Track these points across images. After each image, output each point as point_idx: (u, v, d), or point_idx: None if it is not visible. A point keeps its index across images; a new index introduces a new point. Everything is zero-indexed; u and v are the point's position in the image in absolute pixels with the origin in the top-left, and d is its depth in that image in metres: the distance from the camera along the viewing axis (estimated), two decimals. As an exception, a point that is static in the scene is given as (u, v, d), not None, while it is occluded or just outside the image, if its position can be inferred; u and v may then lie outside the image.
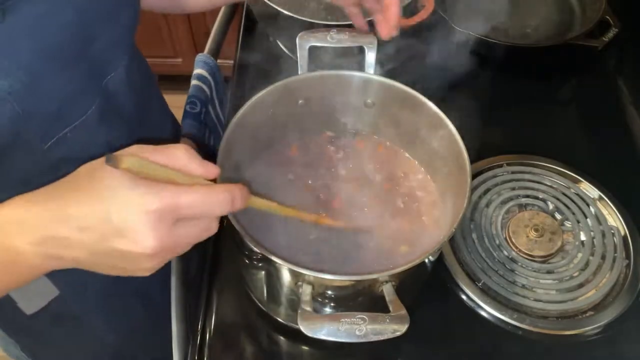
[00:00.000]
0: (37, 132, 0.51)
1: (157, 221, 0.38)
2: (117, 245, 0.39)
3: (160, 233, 0.38)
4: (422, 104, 0.63)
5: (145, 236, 0.38)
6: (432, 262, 0.62)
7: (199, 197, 0.39)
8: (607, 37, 0.91)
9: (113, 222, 0.38)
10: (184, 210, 0.38)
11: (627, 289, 0.69)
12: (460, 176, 0.58)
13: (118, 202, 0.38)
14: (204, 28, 1.82)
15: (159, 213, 0.38)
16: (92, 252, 0.40)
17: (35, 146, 0.52)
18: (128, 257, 0.39)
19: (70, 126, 0.54)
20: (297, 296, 0.53)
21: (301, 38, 0.66)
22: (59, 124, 0.53)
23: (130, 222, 0.38)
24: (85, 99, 0.55)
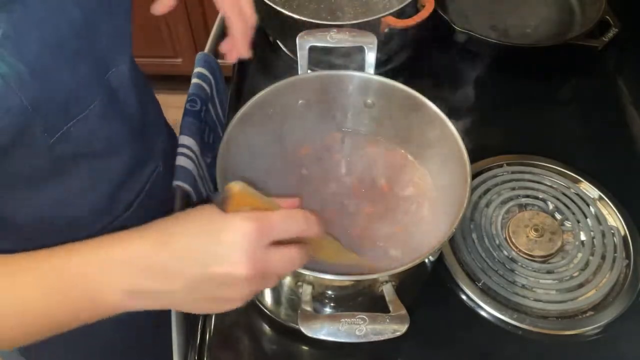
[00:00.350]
0: (42, 125, 0.51)
1: (253, 243, 0.40)
2: (216, 270, 0.40)
3: (256, 254, 0.40)
4: (422, 104, 0.63)
5: (240, 259, 0.40)
6: (432, 262, 0.62)
7: (285, 217, 0.42)
8: (607, 37, 0.91)
9: (213, 248, 0.40)
10: (274, 230, 0.41)
11: (627, 289, 0.69)
12: (460, 176, 0.58)
13: (217, 231, 0.40)
14: (204, 28, 1.82)
15: (255, 235, 0.40)
16: (190, 279, 0.41)
17: (41, 141, 0.52)
18: (226, 282, 0.41)
19: (74, 120, 0.54)
20: (297, 296, 0.53)
21: (301, 38, 0.66)
22: (64, 117, 0.54)
23: (231, 246, 0.40)
24: (89, 93, 0.56)
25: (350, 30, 0.67)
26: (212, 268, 0.40)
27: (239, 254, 0.40)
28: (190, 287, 0.41)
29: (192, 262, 0.40)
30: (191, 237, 0.41)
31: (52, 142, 0.53)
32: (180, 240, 0.41)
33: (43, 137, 0.52)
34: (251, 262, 0.40)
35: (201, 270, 0.40)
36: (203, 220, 0.42)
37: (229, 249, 0.40)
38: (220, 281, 0.41)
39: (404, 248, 0.63)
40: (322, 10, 0.92)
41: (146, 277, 0.41)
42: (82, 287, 0.42)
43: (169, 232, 0.42)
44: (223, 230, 0.40)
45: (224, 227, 0.40)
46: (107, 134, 0.60)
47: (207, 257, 0.40)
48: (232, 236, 0.40)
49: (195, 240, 0.41)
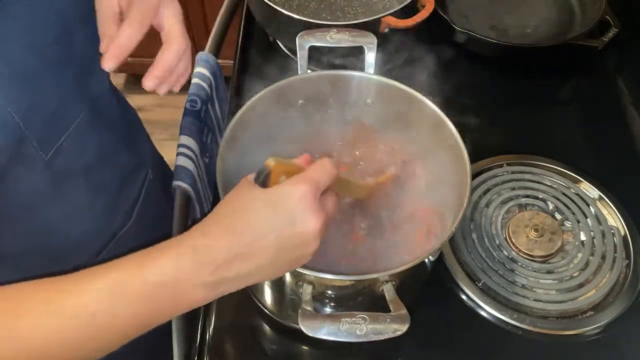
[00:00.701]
0: (36, 141, 0.51)
1: (311, 201, 0.44)
2: (291, 232, 0.44)
3: (318, 210, 0.44)
4: (422, 104, 0.63)
5: (310, 215, 0.44)
6: (432, 262, 0.62)
7: (320, 169, 0.46)
8: (607, 37, 0.91)
9: (280, 217, 0.43)
10: (320, 183, 0.45)
11: (627, 289, 0.69)
12: (460, 176, 0.58)
13: (277, 201, 0.44)
14: (204, 28, 1.82)
15: (308, 194, 0.44)
16: (272, 251, 0.44)
17: (37, 159, 0.52)
18: (303, 241, 0.44)
19: (66, 133, 0.54)
20: (297, 296, 0.53)
21: (301, 38, 0.66)
22: (56, 131, 0.53)
23: (294, 210, 0.43)
24: (76, 102, 0.55)
25: (350, 30, 0.67)
26: (289, 232, 0.44)
27: (307, 213, 0.44)
28: (275, 257, 0.44)
29: (270, 235, 0.43)
30: (256, 216, 0.44)
31: (48, 158, 0.53)
32: (248, 222, 0.44)
33: (38, 155, 0.52)
34: (317, 216, 0.44)
35: (280, 238, 0.43)
36: (256, 198, 0.45)
37: (296, 212, 0.43)
38: (299, 241, 0.44)
39: (403, 248, 0.63)
40: (322, 10, 0.92)
41: (229, 268, 0.43)
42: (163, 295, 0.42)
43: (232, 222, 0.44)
44: (282, 199, 0.44)
45: (280, 196, 0.44)
46: (98, 144, 0.60)
47: (281, 225, 0.43)
48: (293, 201, 0.44)
49: (262, 216, 0.44)
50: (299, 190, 0.44)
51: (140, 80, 0.57)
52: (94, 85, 0.59)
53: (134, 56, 0.62)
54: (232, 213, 0.45)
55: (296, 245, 0.45)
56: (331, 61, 0.80)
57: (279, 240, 0.44)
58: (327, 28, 0.67)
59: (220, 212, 0.45)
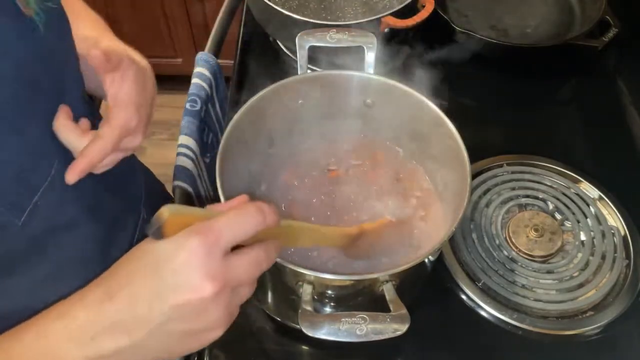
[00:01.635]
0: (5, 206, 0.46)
1: (205, 258, 0.36)
2: (176, 301, 0.36)
3: (212, 269, 0.36)
4: (422, 104, 0.63)
5: (200, 278, 0.36)
6: (432, 261, 0.62)
7: (232, 217, 0.38)
8: (607, 37, 0.91)
9: (162, 281, 0.36)
10: (224, 236, 0.37)
11: (627, 289, 0.69)
12: (460, 176, 0.58)
13: (158, 262, 0.37)
14: (204, 28, 1.82)
15: (201, 250, 0.36)
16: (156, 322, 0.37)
17: (9, 225, 0.47)
18: (193, 310, 0.37)
19: (39, 193, 0.48)
20: (297, 296, 0.53)
21: (301, 38, 0.66)
22: (26, 192, 0.47)
23: (181, 270, 0.36)
24: (44, 158, 0.49)
25: (350, 30, 0.67)
26: (172, 300, 0.36)
27: (196, 276, 0.36)
28: (158, 329, 0.37)
29: (149, 303, 0.36)
30: (137, 279, 0.37)
31: (22, 222, 0.47)
32: (126, 287, 0.37)
33: (10, 220, 0.46)
34: (211, 279, 0.36)
35: (162, 306, 0.36)
36: (143, 257, 0.38)
37: (182, 274, 0.36)
38: (187, 311, 0.36)
39: (403, 247, 0.63)
40: (322, 10, 0.92)
41: (103, 340, 0.37)
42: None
43: (109, 286, 0.38)
44: (168, 257, 0.36)
45: (168, 253, 0.36)
46: (78, 197, 0.54)
47: (162, 291, 0.36)
48: (181, 259, 0.36)
49: (141, 280, 0.37)
50: (189, 244, 0.35)
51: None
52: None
53: (133, 56, 0.61)
54: (115, 275, 0.39)
55: (186, 316, 0.37)
56: (331, 61, 0.80)
57: (160, 311, 0.36)
58: (327, 28, 0.67)
59: (105, 274, 0.40)
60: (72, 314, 0.39)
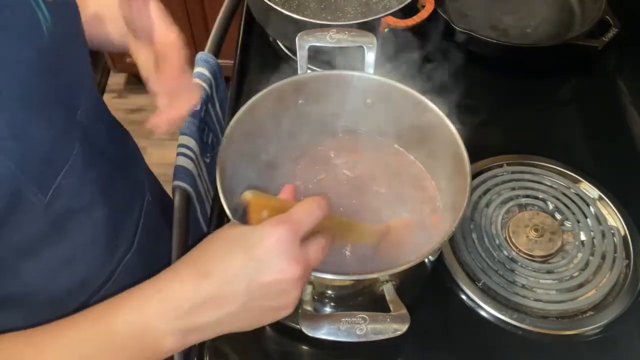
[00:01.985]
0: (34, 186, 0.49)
1: (289, 245, 0.41)
2: (266, 280, 0.41)
3: (297, 254, 0.42)
4: (422, 104, 0.63)
5: (287, 262, 0.41)
6: (432, 262, 0.62)
7: (306, 209, 0.44)
8: (607, 37, 0.91)
9: (253, 262, 0.41)
10: (303, 225, 0.43)
11: (627, 289, 0.69)
12: (460, 176, 0.58)
13: (252, 243, 0.41)
14: (204, 28, 1.82)
15: (286, 238, 0.41)
16: (242, 298, 0.42)
17: (36, 203, 0.50)
18: (277, 289, 0.42)
19: (62, 172, 0.52)
20: (297, 296, 0.53)
21: (301, 38, 0.66)
22: (51, 171, 0.51)
23: (269, 255, 0.41)
24: (67, 139, 0.53)
25: (350, 30, 0.67)
26: (262, 279, 0.41)
27: (283, 259, 0.41)
28: (247, 304, 0.42)
29: (240, 281, 0.41)
30: (229, 259, 0.42)
31: (47, 201, 0.51)
32: (219, 266, 0.42)
33: (37, 199, 0.50)
34: (295, 263, 0.42)
35: (252, 285, 0.41)
36: (232, 239, 0.43)
37: (271, 257, 0.41)
38: (274, 289, 0.42)
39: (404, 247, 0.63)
40: (322, 10, 0.93)
41: (197, 314, 0.41)
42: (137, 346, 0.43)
43: (203, 264, 0.42)
44: (257, 242, 0.41)
45: (256, 238, 0.42)
46: (95, 178, 0.57)
47: (253, 271, 0.41)
48: (269, 244, 0.41)
49: (234, 260, 0.42)
50: (276, 233, 0.41)
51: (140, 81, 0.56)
52: (82, 117, 0.56)
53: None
54: (206, 255, 0.43)
55: (271, 294, 0.42)
56: (331, 61, 0.80)
57: (250, 288, 0.41)
58: (327, 28, 0.67)
59: (195, 254, 0.44)
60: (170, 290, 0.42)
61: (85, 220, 0.58)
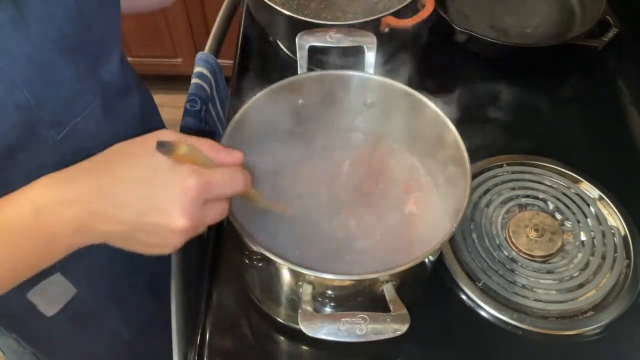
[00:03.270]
0: (49, 122, 0.52)
1: (191, 200, 0.42)
2: (152, 220, 0.43)
3: (192, 212, 0.43)
4: (422, 104, 0.63)
5: (179, 213, 0.42)
6: (432, 262, 0.62)
7: (227, 178, 0.45)
8: (607, 37, 0.91)
9: (152, 199, 0.42)
10: (216, 189, 0.44)
11: (627, 289, 0.69)
12: (460, 176, 0.58)
13: (158, 181, 0.42)
14: (204, 28, 1.82)
15: (196, 192, 0.42)
16: (128, 226, 0.43)
17: (49, 138, 0.53)
18: (160, 232, 0.43)
19: (80, 116, 0.55)
20: (297, 296, 0.53)
21: (301, 38, 0.66)
22: (69, 113, 0.54)
23: (169, 201, 0.42)
24: (89, 87, 0.56)
25: (350, 30, 0.67)
26: (151, 218, 0.42)
27: (178, 208, 0.42)
28: (129, 233, 0.44)
29: (133, 211, 0.42)
30: (135, 183, 0.43)
31: (61, 138, 0.54)
32: (124, 187, 0.43)
33: (51, 134, 0.53)
34: (188, 217, 0.42)
35: (140, 219, 0.43)
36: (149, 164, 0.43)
37: (169, 202, 0.42)
38: (156, 231, 0.43)
39: (404, 248, 0.63)
40: (322, 10, 0.92)
41: (93, 219, 0.43)
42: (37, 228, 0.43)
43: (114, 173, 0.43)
44: (166, 181, 0.42)
45: (168, 177, 0.42)
46: (111, 128, 0.61)
47: (147, 207, 0.42)
48: (174, 190, 0.42)
49: (138, 188, 0.43)
50: (188, 183, 0.42)
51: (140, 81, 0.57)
52: (105, 73, 0.59)
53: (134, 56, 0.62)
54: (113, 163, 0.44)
55: (154, 234, 0.44)
56: (331, 61, 0.80)
57: (136, 221, 0.43)
58: (327, 28, 0.67)
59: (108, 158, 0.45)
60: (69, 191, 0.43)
61: None
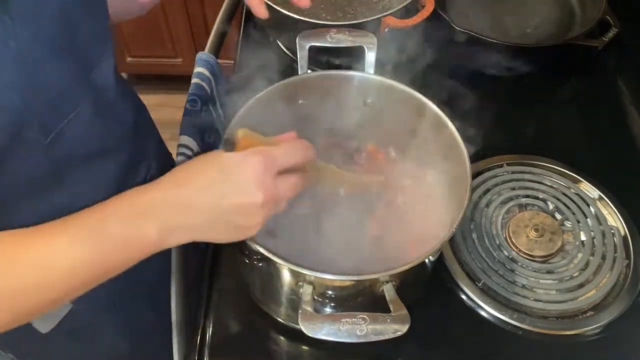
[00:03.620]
0: (36, 125, 0.52)
1: (263, 174, 0.46)
2: (234, 200, 0.46)
3: (266, 184, 0.46)
4: (422, 104, 0.63)
5: (256, 187, 0.46)
6: (432, 262, 0.62)
7: (288, 148, 0.50)
8: (607, 37, 0.91)
9: (229, 181, 0.46)
10: (279, 161, 0.48)
11: (627, 289, 0.69)
12: (461, 176, 0.58)
13: (228, 166, 0.47)
14: (204, 28, 1.82)
15: (259, 167, 0.46)
16: (212, 211, 0.47)
17: (37, 142, 0.52)
18: (243, 210, 0.47)
19: (67, 119, 0.55)
20: (297, 296, 0.53)
21: (301, 38, 0.66)
22: (56, 116, 0.54)
23: (243, 178, 0.46)
24: (78, 90, 0.56)
25: (350, 30, 0.67)
26: (230, 199, 0.46)
27: (252, 185, 0.46)
28: (214, 217, 0.47)
29: (211, 195, 0.46)
30: (205, 175, 0.47)
31: (48, 142, 0.53)
32: (195, 179, 0.47)
33: (38, 138, 0.52)
34: (262, 190, 0.46)
35: (220, 201, 0.46)
36: (213, 161, 0.48)
37: (242, 181, 0.46)
38: (239, 210, 0.47)
39: (404, 248, 0.63)
40: (322, 10, 0.92)
41: (176, 213, 0.46)
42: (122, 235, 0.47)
43: (183, 177, 0.48)
44: (233, 165, 0.47)
45: (233, 163, 0.47)
46: (100, 135, 0.61)
47: (224, 190, 0.46)
48: (243, 170, 0.46)
49: (209, 177, 0.47)
50: (253, 161, 0.46)
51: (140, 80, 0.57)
52: (97, 78, 0.59)
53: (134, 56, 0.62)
54: (187, 170, 0.48)
55: (237, 213, 0.47)
56: (331, 61, 0.80)
57: (218, 203, 0.46)
58: (327, 28, 0.67)
59: (178, 169, 0.49)
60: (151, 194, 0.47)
61: (83, 173, 0.61)
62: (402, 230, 0.65)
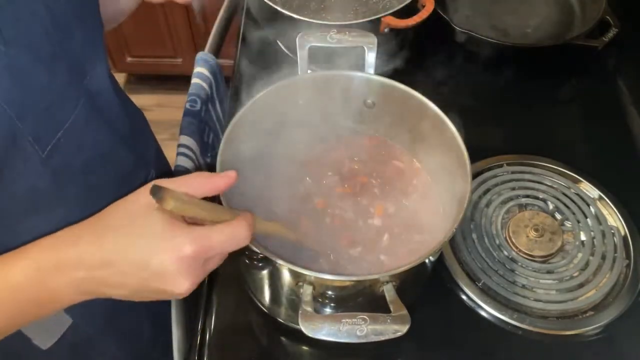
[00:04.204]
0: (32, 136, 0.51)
1: (191, 264, 0.43)
2: (155, 286, 0.44)
3: (193, 275, 0.44)
4: (422, 104, 0.63)
5: (181, 279, 0.43)
6: (432, 262, 0.62)
7: (227, 235, 0.45)
8: (607, 37, 0.91)
9: (151, 268, 0.43)
10: (214, 250, 0.44)
11: (627, 289, 0.69)
12: (461, 176, 0.58)
13: (155, 249, 0.43)
14: (204, 28, 1.82)
15: (192, 257, 0.43)
16: (131, 291, 0.46)
17: (34, 156, 0.52)
18: (164, 294, 0.45)
19: (62, 129, 0.54)
20: (297, 296, 0.53)
21: (301, 38, 0.66)
22: (51, 126, 0.53)
23: (168, 269, 0.43)
24: (70, 98, 0.55)
25: (350, 30, 0.67)
26: (154, 284, 0.44)
27: (180, 274, 0.43)
28: (133, 295, 0.46)
29: (135, 278, 0.44)
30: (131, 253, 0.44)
31: (46, 154, 0.53)
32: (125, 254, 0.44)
33: (35, 151, 0.52)
34: (190, 279, 0.44)
35: (143, 283, 0.44)
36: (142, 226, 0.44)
37: (168, 270, 0.43)
38: (159, 293, 0.45)
39: (404, 248, 0.63)
40: (322, 10, 0.92)
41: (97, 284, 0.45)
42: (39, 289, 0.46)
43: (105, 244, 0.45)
44: (162, 247, 0.43)
45: (163, 245, 0.43)
46: (97, 142, 0.60)
47: (147, 273, 0.43)
48: (170, 258, 0.43)
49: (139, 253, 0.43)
50: (185, 250, 0.43)
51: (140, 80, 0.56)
52: (90, 84, 0.58)
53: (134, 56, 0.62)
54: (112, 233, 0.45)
55: (159, 293, 0.45)
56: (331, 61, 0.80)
57: (138, 286, 0.45)
58: (327, 28, 0.67)
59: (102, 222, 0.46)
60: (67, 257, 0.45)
61: (82, 183, 0.60)
62: (402, 230, 0.65)
